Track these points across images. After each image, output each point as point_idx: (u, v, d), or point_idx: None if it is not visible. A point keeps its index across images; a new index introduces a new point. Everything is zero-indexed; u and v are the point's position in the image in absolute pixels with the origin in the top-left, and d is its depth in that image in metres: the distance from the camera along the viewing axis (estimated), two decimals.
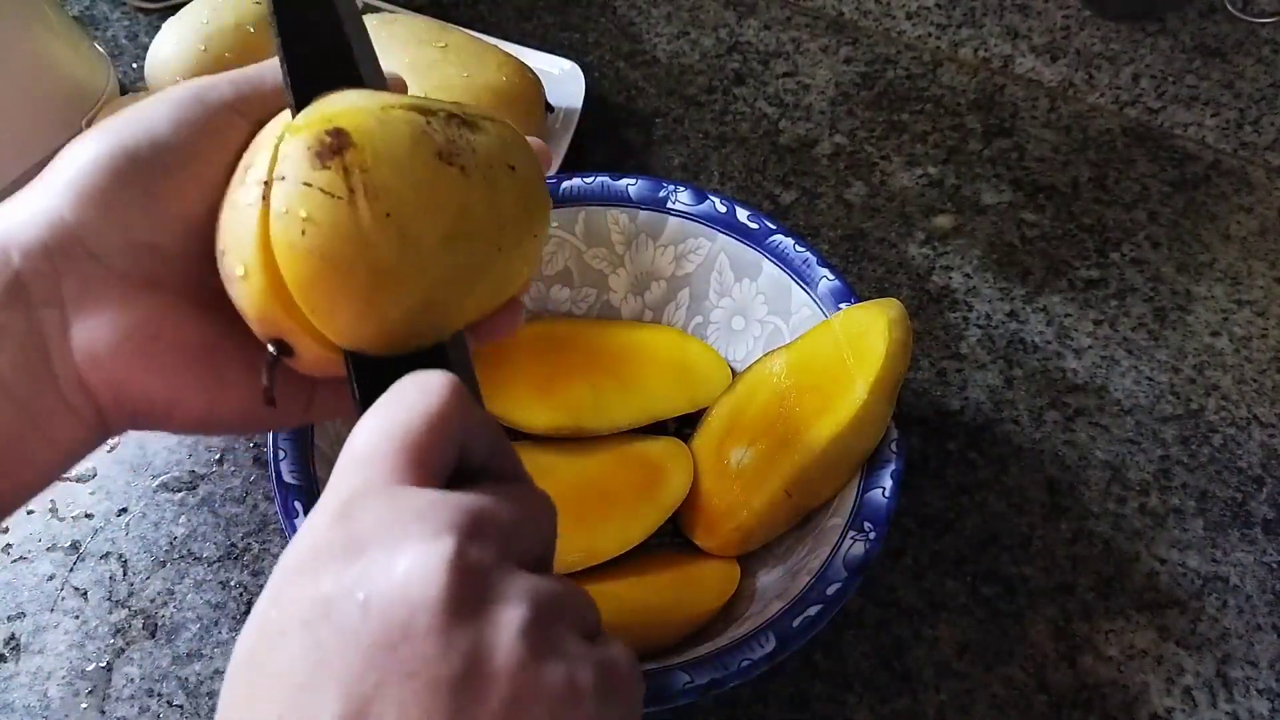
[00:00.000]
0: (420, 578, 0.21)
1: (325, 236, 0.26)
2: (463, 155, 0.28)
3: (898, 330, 0.41)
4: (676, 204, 0.48)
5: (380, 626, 0.21)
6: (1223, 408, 0.52)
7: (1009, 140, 0.63)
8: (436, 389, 0.25)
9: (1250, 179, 0.62)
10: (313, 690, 0.21)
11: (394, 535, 0.22)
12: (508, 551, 0.23)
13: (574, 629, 0.24)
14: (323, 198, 0.26)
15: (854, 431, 0.40)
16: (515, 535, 0.24)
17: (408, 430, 0.24)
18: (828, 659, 0.44)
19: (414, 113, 0.28)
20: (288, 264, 0.26)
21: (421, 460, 0.24)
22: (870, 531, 0.39)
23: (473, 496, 0.24)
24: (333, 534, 0.23)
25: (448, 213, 0.28)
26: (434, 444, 0.24)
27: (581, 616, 0.24)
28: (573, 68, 0.62)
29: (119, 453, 0.49)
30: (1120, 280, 0.57)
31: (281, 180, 0.26)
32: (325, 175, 0.26)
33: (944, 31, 0.67)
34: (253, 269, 0.27)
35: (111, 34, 0.67)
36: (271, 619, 0.22)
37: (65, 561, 0.46)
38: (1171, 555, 0.47)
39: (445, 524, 0.22)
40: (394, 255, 0.27)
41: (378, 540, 0.22)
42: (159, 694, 0.43)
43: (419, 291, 0.28)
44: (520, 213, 0.30)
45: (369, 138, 0.27)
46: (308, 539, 0.23)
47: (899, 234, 0.59)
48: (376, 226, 0.26)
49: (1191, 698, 0.44)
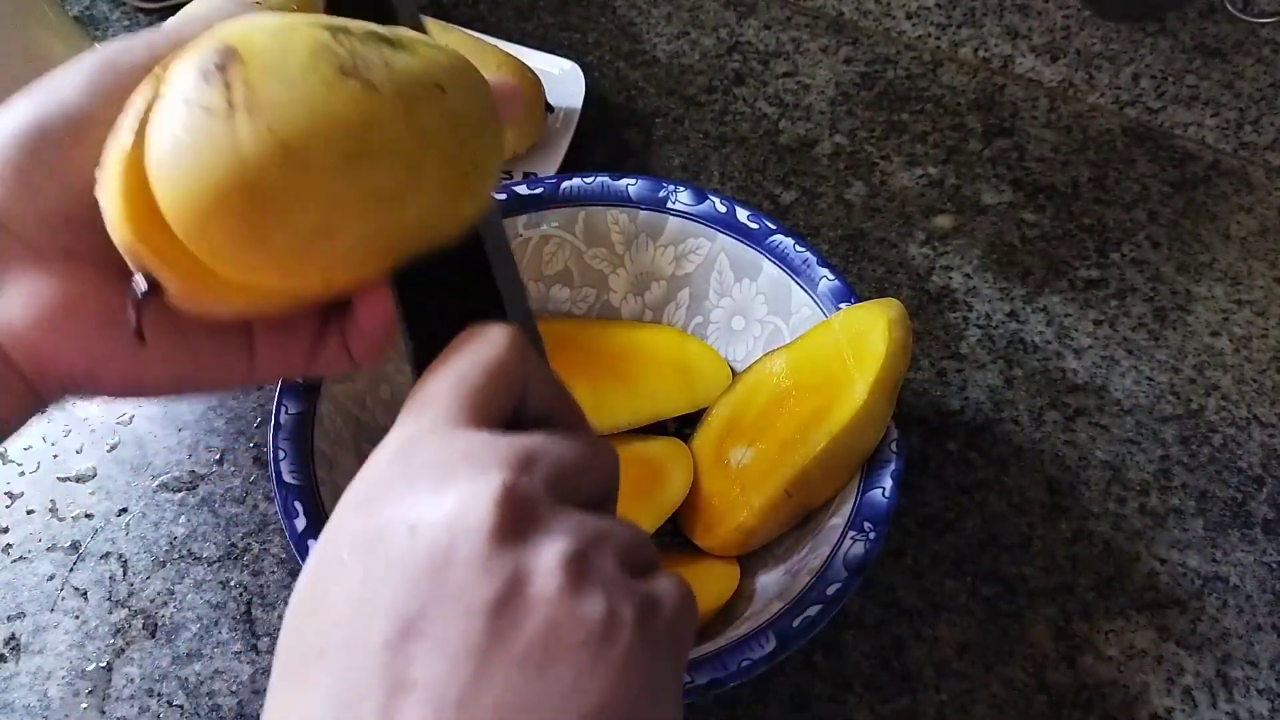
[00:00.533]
0: (466, 507, 0.22)
1: (199, 155, 0.24)
2: (372, 70, 0.26)
3: (898, 330, 0.41)
4: (676, 204, 0.48)
5: (426, 553, 0.22)
6: (1223, 408, 0.52)
7: (1009, 140, 0.63)
8: (496, 340, 0.26)
9: (1250, 179, 0.62)
10: (363, 615, 0.22)
11: (445, 470, 0.23)
12: (559, 489, 0.24)
13: (624, 564, 0.24)
14: (200, 113, 0.24)
15: (854, 431, 0.40)
16: (568, 474, 0.25)
17: (465, 378, 0.25)
18: (828, 659, 0.44)
19: (322, 30, 0.26)
20: (161, 187, 0.25)
21: (478, 405, 0.25)
22: (870, 531, 0.39)
23: (525, 437, 0.24)
24: (389, 471, 0.24)
25: (346, 130, 0.25)
26: (491, 391, 0.25)
27: (635, 553, 0.24)
28: (573, 68, 0.62)
29: (119, 453, 0.49)
30: (1120, 280, 0.57)
31: (162, 100, 0.25)
32: (206, 91, 0.25)
33: (944, 31, 0.67)
34: (114, 194, 0.26)
35: (111, 34, 0.67)
36: (328, 553, 0.23)
37: (65, 561, 0.46)
38: (1171, 555, 0.47)
39: (495, 461, 0.23)
40: (276, 174, 0.25)
41: (429, 475, 0.23)
42: (159, 694, 0.43)
43: (311, 215, 0.26)
44: (449, 138, 0.28)
45: (259, 53, 0.25)
46: (366, 477, 0.24)
47: (899, 234, 0.59)
48: (256, 142, 0.24)
49: (1191, 698, 0.44)
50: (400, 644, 0.21)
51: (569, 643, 0.22)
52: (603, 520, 0.24)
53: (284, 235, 0.26)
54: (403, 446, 0.24)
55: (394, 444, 0.25)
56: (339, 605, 0.22)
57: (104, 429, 0.50)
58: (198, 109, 0.25)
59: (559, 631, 0.22)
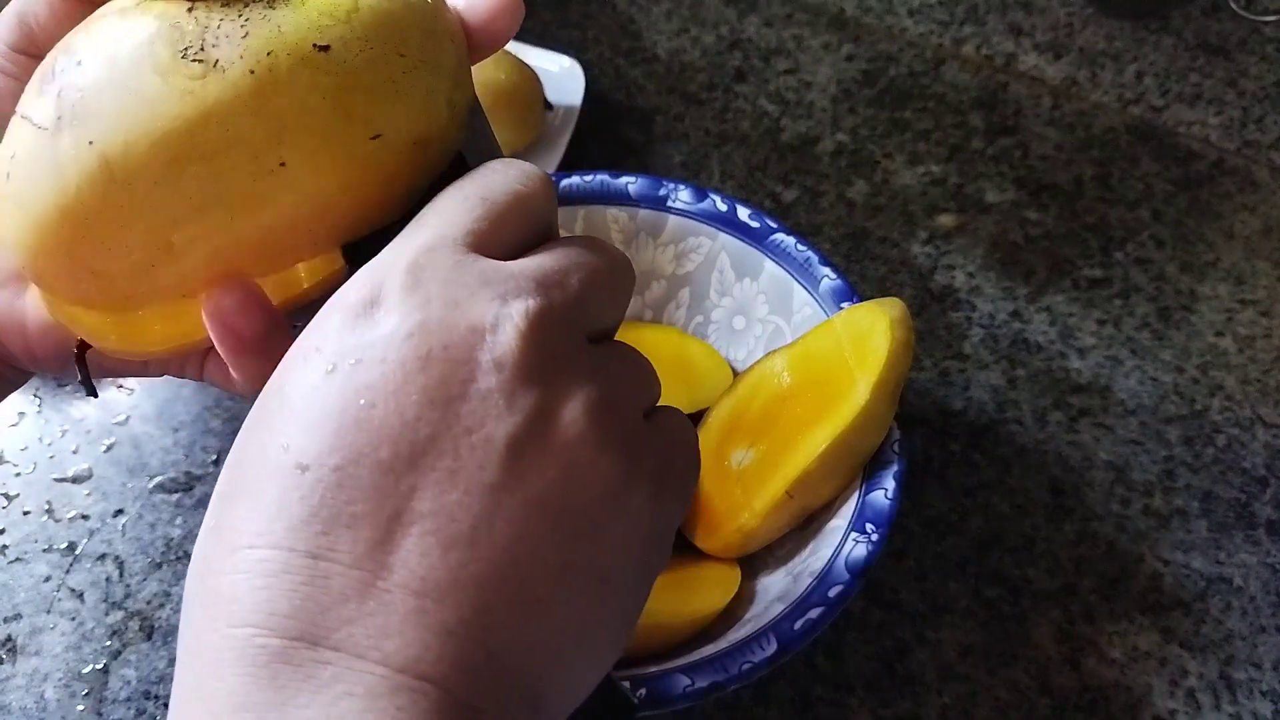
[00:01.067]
0: (491, 339, 0.20)
1: (24, 179, 0.22)
2: (221, 45, 0.22)
3: (900, 330, 0.41)
4: (677, 202, 0.48)
5: (439, 379, 0.20)
6: (1227, 408, 0.52)
7: (1012, 138, 0.63)
8: (528, 169, 0.24)
9: (1254, 178, 0.61)
10: (353, 434, 0.20)
11: (464, 292, 0.21)
12: (581, 319, 0.22)
13: (641, 407, 0.23)
14: (31, 130, 0.22)
15: (856, 432, 0.40)
16: (589, 301, 0.23)
17: (489, 198, 0.23)
18: (829, 661, 0.44)
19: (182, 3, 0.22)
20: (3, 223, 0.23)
21: (499, 232, 0.23)
22: (872, 533, 0.38)
23: (549, 259, 0.22)
24: (396, 283, 0.21)
25: (171, 129, 0.21)
26: (515, 221, 0.23)
27: (646, 392, 0.24)
28: (572, 65, 0.62)
29: (115, 453, 0.49)
30: (1124, 280, 0.57)
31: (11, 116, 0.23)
32: (37, 103, 0.22)
33: (946, 29, 0.67)
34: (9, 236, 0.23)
35: None
36: (307, 359, 0.21)
37: (61, 563, 0.46)
38: (1175, 557, 0.47)
39: (520, 287, 0.21)
40: (96, 195, 0.22)
41: (444, 295, 0.21)
42: (156, 696, 0.42)
43: (142, 236, 0.22)
44: (328, 109, 0.22)
45: (99, 47, 0.22)
46: (368, 280, 0.21)
47: (901, 233, 0.58)
48: (76, 160, 0.21)
49: (1195, 700, 0.43)
50: (404, 472, 0.19)
51: (585, 497, 0.21)
52: (623, 358, 0.23)
53: (118, 264, 0.23)
54: (415, 259, 0.21)
55: (408, 252, 0.21)
56: (319, 419, 0.20)
57: (100, 430, 0.50)
58: (29, 125, 0.22)
59: (578, 482, 0.21)
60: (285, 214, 0.23)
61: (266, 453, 0.20)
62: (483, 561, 0.20)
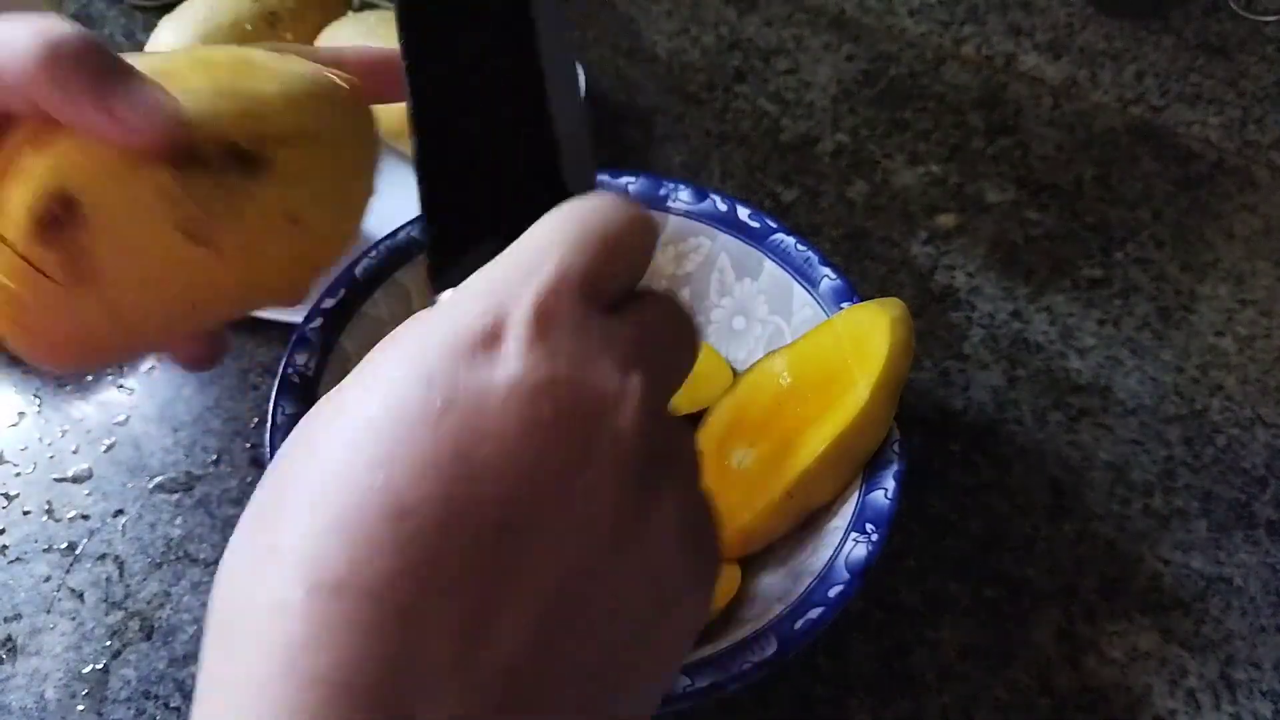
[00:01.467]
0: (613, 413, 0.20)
1: (32, 313, 0.25)
2: (219, 228, 0.25)
3: (900, 330, 0.41)
4: (676, 202, 0.48)
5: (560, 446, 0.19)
6: (1227, 408, 0.52)
7: (1012, 138, 0.63)
8: (645, 215, 0.23)
9: (1254, 178, 0.61)
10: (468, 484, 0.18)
11: (590, 354, 0.20)
12: (670, 394, 0.23)
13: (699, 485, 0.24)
14: (38, 279, 0.25)
15: (856, 432, 0.40)
16: (681, 372, 0.23)
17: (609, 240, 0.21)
18: (830, 661, 0.44)
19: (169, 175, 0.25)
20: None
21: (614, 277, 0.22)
22: (872, 533, 0.38)
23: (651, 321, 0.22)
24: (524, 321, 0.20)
25: (181, 294, 0.26)
26: (627, 267, 0.22)
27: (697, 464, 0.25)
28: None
29: (115, 453, 0.49)
30: (1124, 280, 0.57)
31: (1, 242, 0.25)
32: (47, 256, 0.24)
33: (946, 29, 0.67)
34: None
35: (109, 31, 0.67)
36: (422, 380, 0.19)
37: (61, 563, 0.46)
38: (1175, 557, 0.47)
39: (637, 355, 0.21)
40: (104, 330, 0.26)
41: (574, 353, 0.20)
42: (156, 696, 0.42)
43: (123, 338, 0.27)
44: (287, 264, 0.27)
45: (102, 211, 0.24)
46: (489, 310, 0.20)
47: (901, 233, 0.58)
48: (91, 309, 0.25)
49: (1195, 700, 0.43)
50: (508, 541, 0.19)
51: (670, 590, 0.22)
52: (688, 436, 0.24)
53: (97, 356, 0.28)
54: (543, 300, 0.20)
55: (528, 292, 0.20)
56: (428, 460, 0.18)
57: (100, 430, 0.50)
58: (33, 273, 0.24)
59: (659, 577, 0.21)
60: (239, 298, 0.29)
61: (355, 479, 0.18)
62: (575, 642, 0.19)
